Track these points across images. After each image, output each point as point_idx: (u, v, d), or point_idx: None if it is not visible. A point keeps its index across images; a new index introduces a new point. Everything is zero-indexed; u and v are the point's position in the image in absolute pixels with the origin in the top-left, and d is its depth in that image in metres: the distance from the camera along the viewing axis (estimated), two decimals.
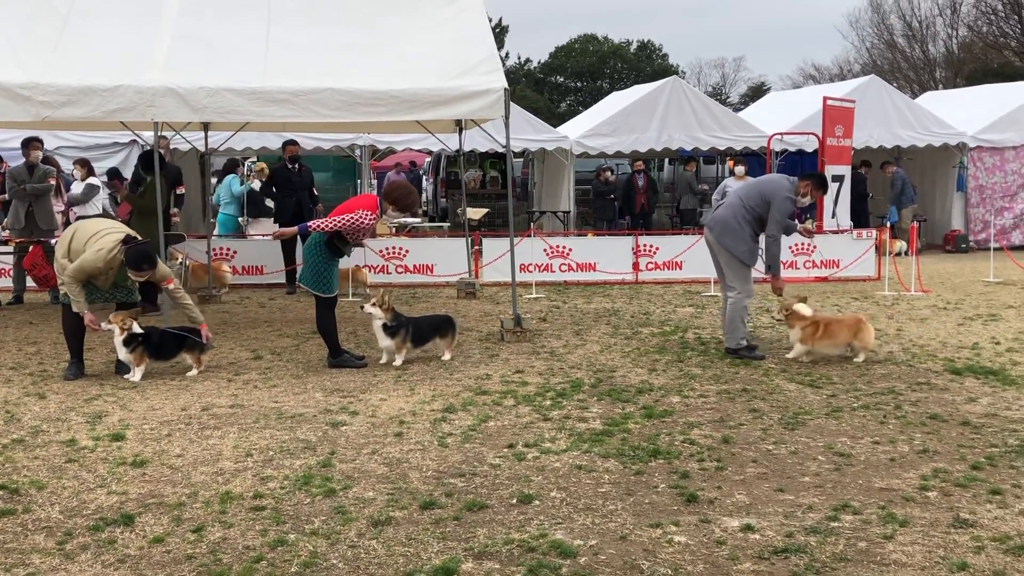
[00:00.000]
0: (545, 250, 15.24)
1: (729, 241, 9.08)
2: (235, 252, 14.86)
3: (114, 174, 14.53)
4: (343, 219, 8.55)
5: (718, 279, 9.64)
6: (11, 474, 5.68)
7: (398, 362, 8.81)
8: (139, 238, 8.33)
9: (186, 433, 6.56)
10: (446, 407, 7.24)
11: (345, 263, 11.67)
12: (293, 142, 14.71)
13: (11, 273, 13.33)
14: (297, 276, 9.05)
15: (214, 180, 18.99)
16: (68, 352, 8.54)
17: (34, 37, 10.00)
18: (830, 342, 8.86)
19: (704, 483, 5.47)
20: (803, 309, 8.94)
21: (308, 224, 8.74)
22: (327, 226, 8.56)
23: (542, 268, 15.12)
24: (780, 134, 19.46)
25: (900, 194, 20.25)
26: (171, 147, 14.74)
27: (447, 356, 9.05)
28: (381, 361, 8.86)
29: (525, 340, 10.04)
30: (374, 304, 8.74)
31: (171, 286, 8.42)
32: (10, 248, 12.89)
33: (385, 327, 8.74)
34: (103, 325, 8.15)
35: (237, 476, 5.63)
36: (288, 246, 13.96)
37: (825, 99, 17.90)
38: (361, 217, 8.59)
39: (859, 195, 19.42)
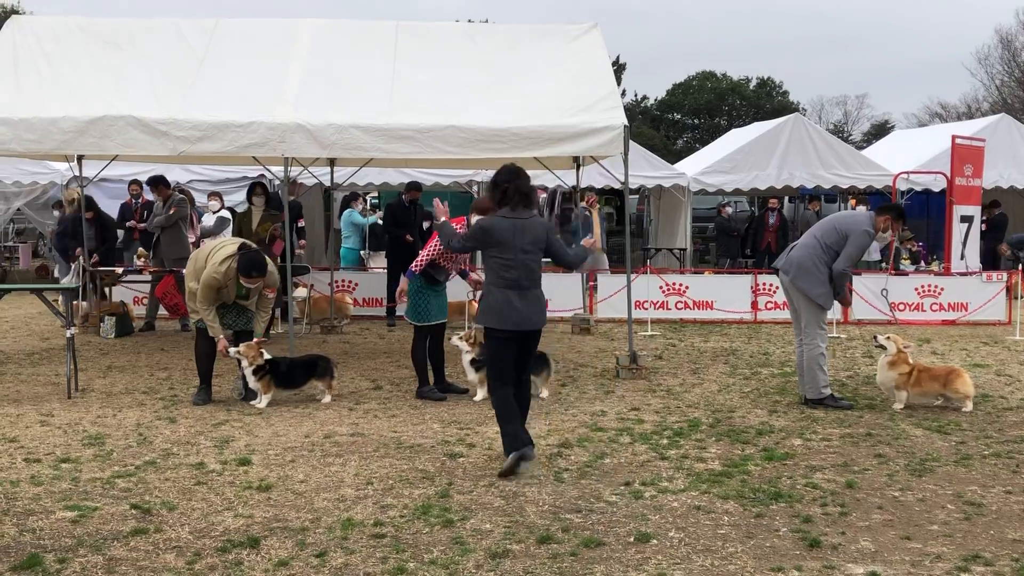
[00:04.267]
0: (661, 287, 15.14)
1: (805, 284, 8.63)
2: (356, 284, 15.19)
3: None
4: (433, 245, 8.67)
5: (792, 323, 9.13)
6: (143, 494, 5.90)
7: (478, 397, 8.83)
8: (253, 246, 8.56)
9: (309, 460, 6.72)
10: (561, 442, 7.24)
11: (460, 295, 11.80)
12: (417, 187, 14.64)
13: (145, 301, 13.87)
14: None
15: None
16: (198, 378, 8.84)
17: (173, 75, 10.47)
18: (919, 391, 8.56)
19: (827, 528, 5.34)
20: (911, 357, 8.66)
21: (412, 268, 8.79)
22: (423, 258, 8.70)
23: (658, 305, 15.00)
24: (907, 173, 18.99)
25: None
26: (299, 181, 15.19)
27: (544, 394, 8.96)
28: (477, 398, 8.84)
29: (641, 377, 9.98)
30: (461, 338, 8.83)
31: (270, 295, 8.64)
32: (147, 277, 13.43)
33: (472, 361, 8.80)
34: (231, 351, 8.40)
35: (358, 503, 5.73)
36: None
37: (954, 138, 17.41)
38: None
39: (998, 238, 18.82)
